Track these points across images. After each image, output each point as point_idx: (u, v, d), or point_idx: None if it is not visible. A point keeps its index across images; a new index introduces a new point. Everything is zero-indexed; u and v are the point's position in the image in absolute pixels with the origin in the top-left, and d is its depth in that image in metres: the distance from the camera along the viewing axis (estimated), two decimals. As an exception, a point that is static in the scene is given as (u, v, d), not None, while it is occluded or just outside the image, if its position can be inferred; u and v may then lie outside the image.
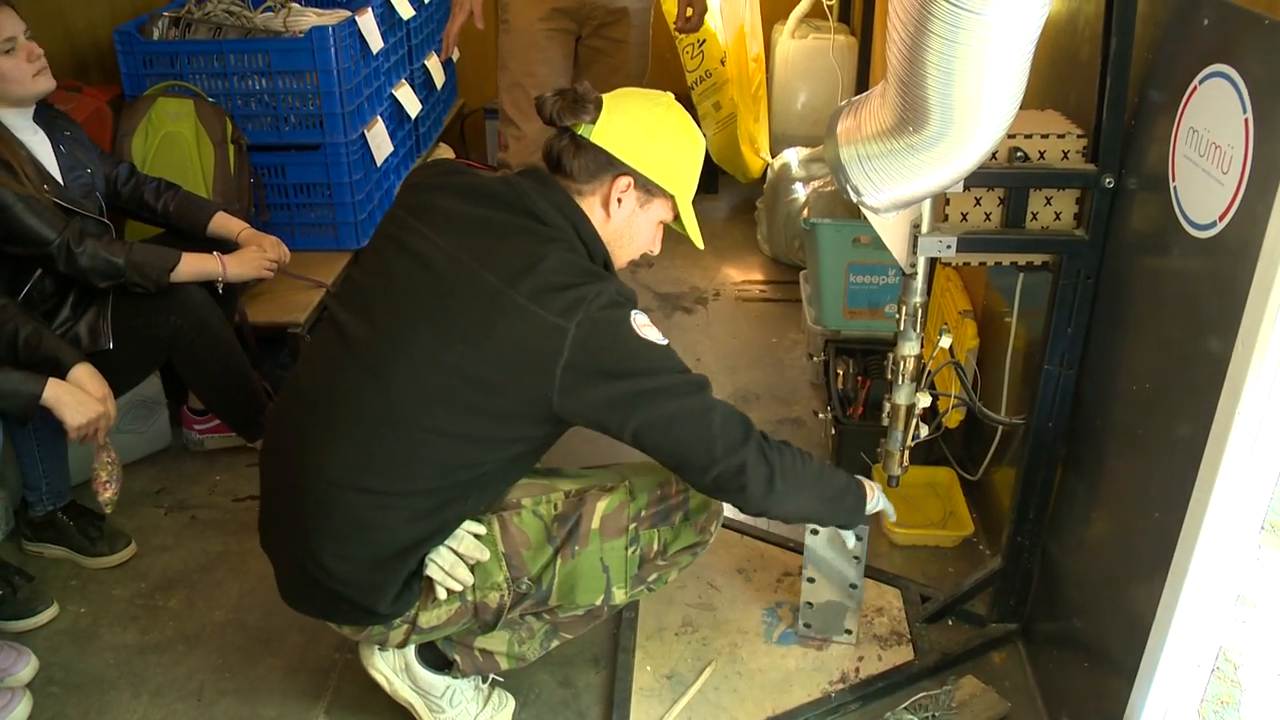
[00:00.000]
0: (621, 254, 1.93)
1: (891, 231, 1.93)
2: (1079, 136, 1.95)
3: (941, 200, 1.94)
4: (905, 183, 1.61)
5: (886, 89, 1.55)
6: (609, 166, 1.84)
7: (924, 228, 1.90)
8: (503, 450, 1.80)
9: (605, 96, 1.87)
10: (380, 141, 3.49)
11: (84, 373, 2.29)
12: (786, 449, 1.83)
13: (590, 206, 1.85)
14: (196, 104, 3.18)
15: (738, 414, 1.77)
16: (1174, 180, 1.68)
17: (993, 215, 1.97)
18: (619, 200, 1.85)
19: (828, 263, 3.09)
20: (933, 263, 1.98)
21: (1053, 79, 2.26)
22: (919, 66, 1.38)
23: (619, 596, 1.96)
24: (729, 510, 2.02)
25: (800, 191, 3.85)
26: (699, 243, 1.97)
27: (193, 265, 2.61)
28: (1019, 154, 1.93)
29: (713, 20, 4.23)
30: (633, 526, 1.92)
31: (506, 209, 1.79)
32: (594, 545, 1.91)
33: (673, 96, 1.96)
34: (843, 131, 1.69)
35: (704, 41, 4.26)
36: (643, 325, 1.72)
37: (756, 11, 4.33)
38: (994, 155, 1.83)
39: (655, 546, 1.95)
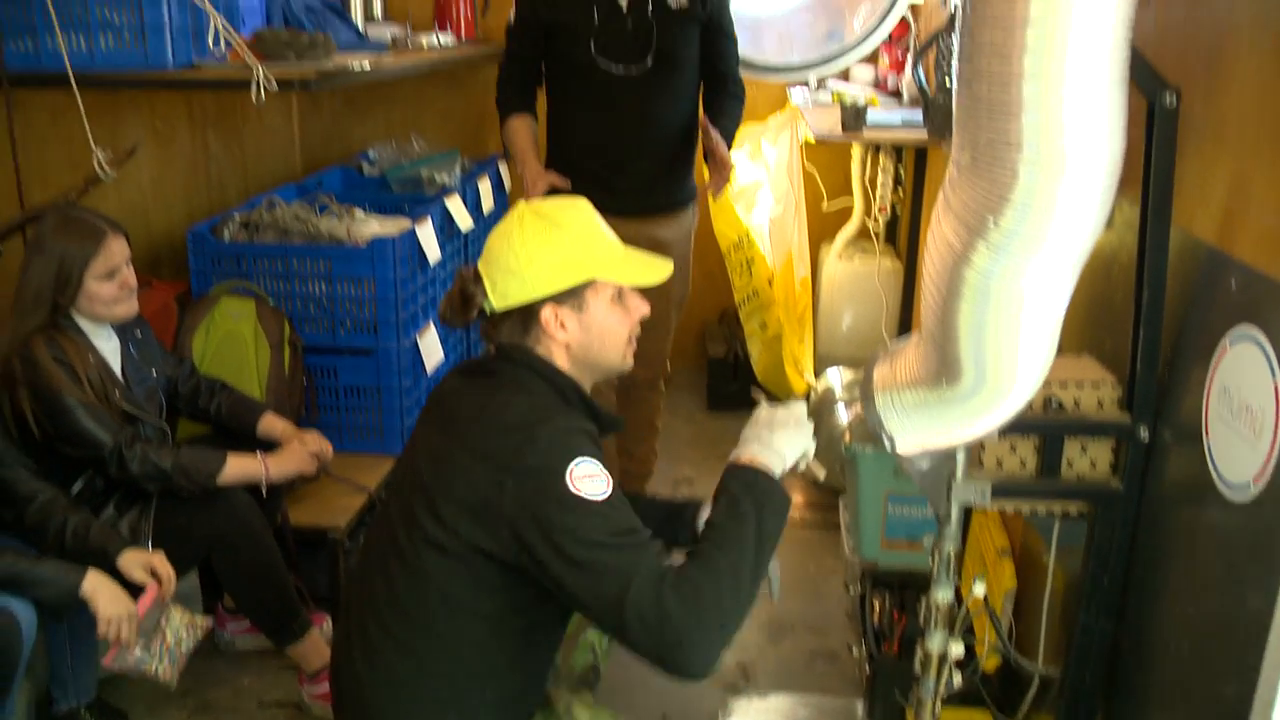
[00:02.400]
0: (608, 356, 1.94)
1: (925, 476, 1.94)
2: (1114, 385, 1.96)
3: (977, 446, 1.95)
4: (939, 433, 1.63)
5: (921, 340, 1.59)
6: (525, 315, 1.85)
7: (959, 475, 1.90)
8: (501, 624, 1.80)
9: (478, 265, 1.89)
10: (432, 348, 3.57)
11: (130, 559, 2.33)
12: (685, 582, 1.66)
13: (547, 350, 1.88)
14: (258, 305, 3.29)
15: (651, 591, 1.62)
16: (1208, 437, 1.68)
17: (1028, 462, 1.97)
18: (561, 326, 1.86)
19: (866, 491, 3.08)
20: (968, 509, 1.98)
21: (1088, 323, 2.29)
22: (950, 326, 1.42)
23: None
24: None
25: (843, 414, 3.87)
26: (657, 277, 1.98)
27: (237, 469, 2.66)
28: (1054, 402, 1.95)
29: (761, 242, 4.35)
30: None
31: (475, 374, 1.91)
32: None
33: (520, 205, 1.94)
34: (879, 378, 1.72)
35: (751, 261, 4.37)
36: (581, 477, 1.69)
37: (804, 234, 4.45)
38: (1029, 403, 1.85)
39: None
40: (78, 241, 2.53)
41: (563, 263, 1.86)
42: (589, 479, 1.69)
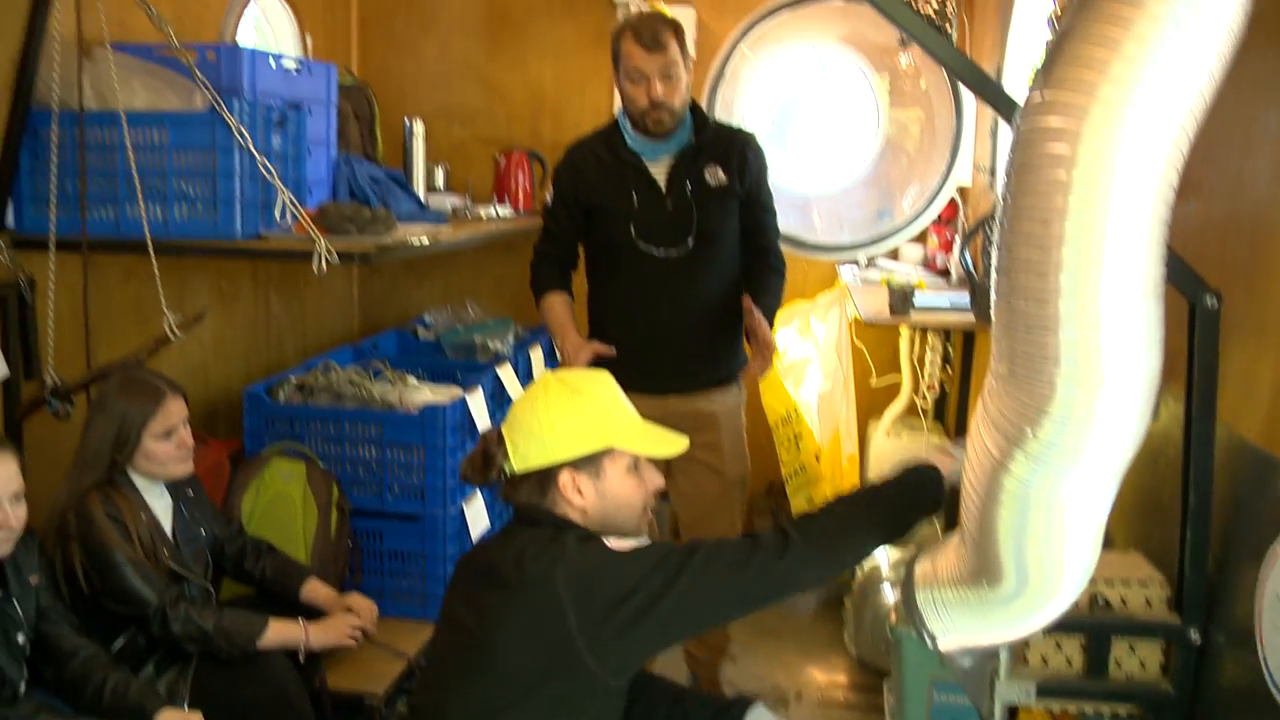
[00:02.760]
0: (623, 524, 1.97)
1: (968, 674, 1.90)
2: (1163, 584, 1.94)
3: (1021, 643, 1.92)
4: (981, 632, 1.61)
5: (963, 539, 1.59)
6: (544, 478, 1.90)
7: (1002, 673, 1.87)
8: None
9: (501, 428, 1.96)
10: (478, 516, 3.59)
11: (167, 719, 2.32)
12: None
13: (564, 513, 1.92)
14: (308, 467, 3.33)
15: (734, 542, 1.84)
16: (1262, 645, 1.65)
17: (1074, 660, 1.94)
18: (578, 491, 1.90)
19: (910, 677, 3.02)
20: (1012, 710, 1.94)
21: (1135, 517, 2.27)
22: (990, 530, 1.42)
23: None
24: None
25: (888, 594, 3.82)
26: (673, 450, 2.02)
27: (278, 634, 2.66)
28: (1101, 600, 1.92)
29: (809, 417, 4.36)
30: None
31: (500, 535, 1.97)
32: None
33: (545, 374, 2.06)
34: (920, 574, 1.71)
35: (799, 436, 4.38)
36: (616, 543, 1.81)
37: (853, 410, 4.46)
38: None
39: None
40: (138, 401, 2.60)
41: (582, 429, 1.92)
42: (622, 541, 1.86)
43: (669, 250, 3.04)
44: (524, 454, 1.92)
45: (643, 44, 2.92)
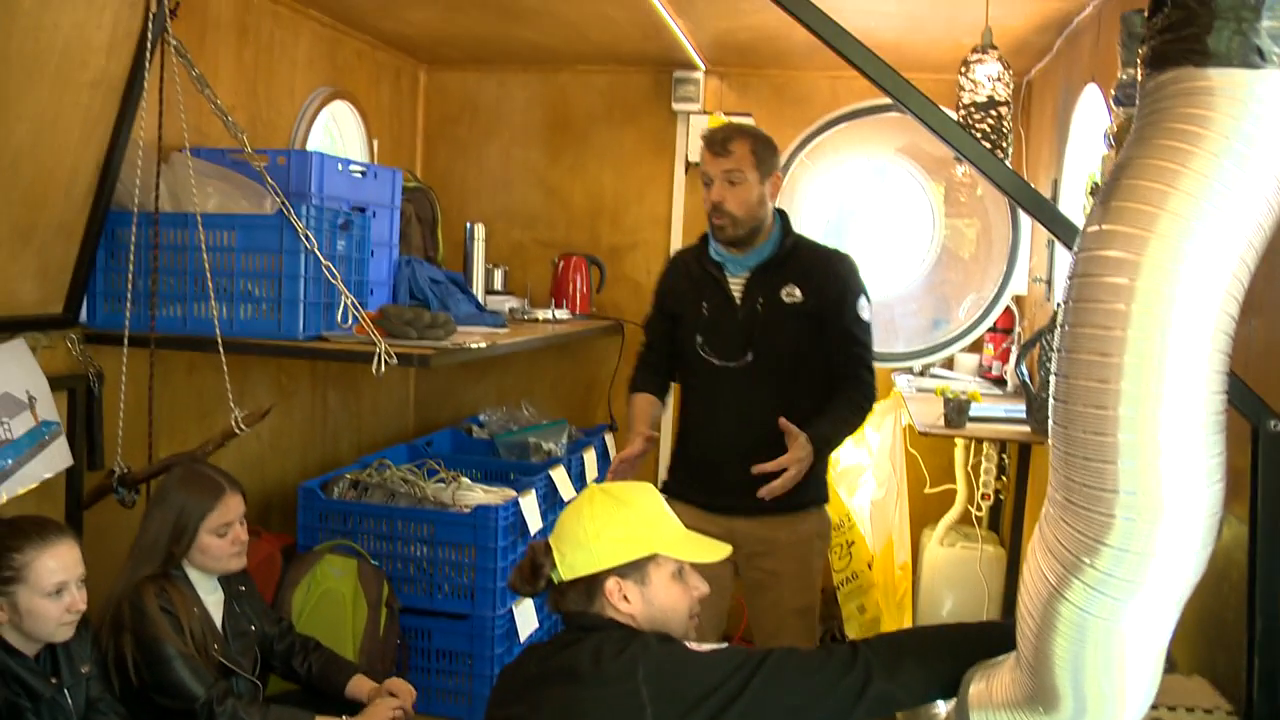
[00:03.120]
0: (674, 627, 1.97)
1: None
2: (1228, 714, 1.89)
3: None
4: (1036, 760, 1.58)
5: (1019, 662, 1.56)
6: (590, 584, 1.92)
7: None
8: None
9: (549, 539, 1.99)
10: (527, 617, 3.58)
11: None
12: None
13: (614, 619, 1.93)
14: (359, 564, 3.35)
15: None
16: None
17: (1135, 791, 1.88)
18: (624, 598, 1.92)
19: (964, 798, 2.95)
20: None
21: (1200, 642, 2.22)
22: (1046, 657, 1.40)
23: None
24: None
25: (941, 709, 3.74)
26: (714, 555, 2.03)
27: None
28: (1162, 728, 1.88)
29: (862, 524, 4.33)
30: None
31: (550, 642, 1.98)
32: None
33: (591, 487, 2.06)
34: (974, 695, 1.68)
35: (852, 544, 4.34)
36: (695, 645, 1.84)
37: (906, 518, 4.42)
38: (1136, 726, 1.78)
39: None
40: (197, 495, 2.65)
41: (627, 537, 1.95)
42: (701, 645, 1.85)
43: (727, 362, 3.01)
44: (571, 563, 1.95)
45: (710, 148, 2.97)
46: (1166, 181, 1.23)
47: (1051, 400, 1.30)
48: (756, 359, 2.98)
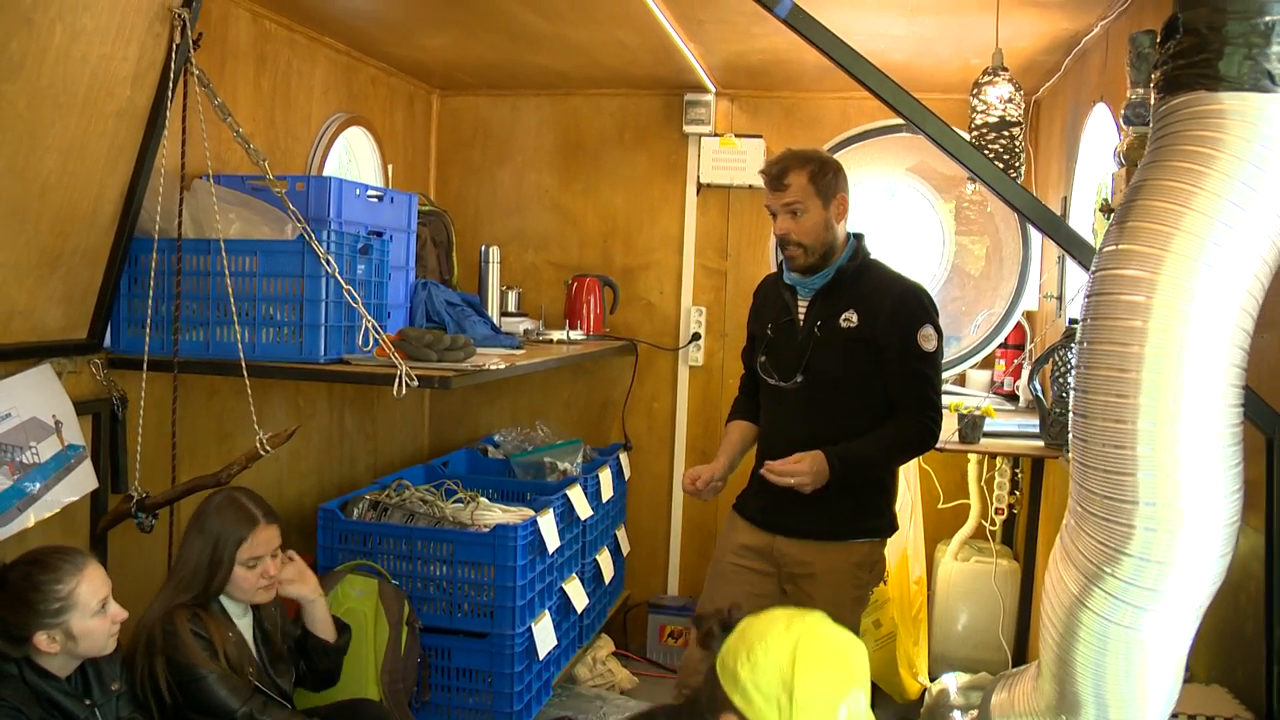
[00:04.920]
0: None
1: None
2: (1246, 723, 1.91)
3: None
4: (1059, 769, 1.61)
5: (1041, 672, 1.59)
6: (720, 705, 1.69)
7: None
8: None
9: (744, 622, 1.76)
10: (545, 635, 3.61)
11: None
12: None
13: None
14: (380, 584, 3.38)
15: None
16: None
17: (1155, 801, 1.91)
18: None
19: (984, 811, 2.97)
20: None
21: (1218, 652, 2.24)
22: (1068, 664, 1.43)
23: None
24: None
25: (958, 717, 3.76)
26: None
27: None
28: (1182, 737, 1.90)
29: (876, 540, 4.34)
30: None
31: None
32: None
33: (816, 619, 1.73)
34: (996, 705, 1.71)
35: (867, 559, 4.36)
36: None
37: (920, 533, 4.44)
38: (1156, 736, 1.81)
39: None
40: (232, 524, 2.68)
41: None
42: None
43: (782, 382, 3.04)
44: (727, 667, 1.73)
45: (768, 182, 2.99)
46: (1181, 202, 1.27)
47: (1071, 415, 1.33)
48: (808, 381, 2.98)
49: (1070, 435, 1.35)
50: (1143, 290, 1.25)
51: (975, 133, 3.47)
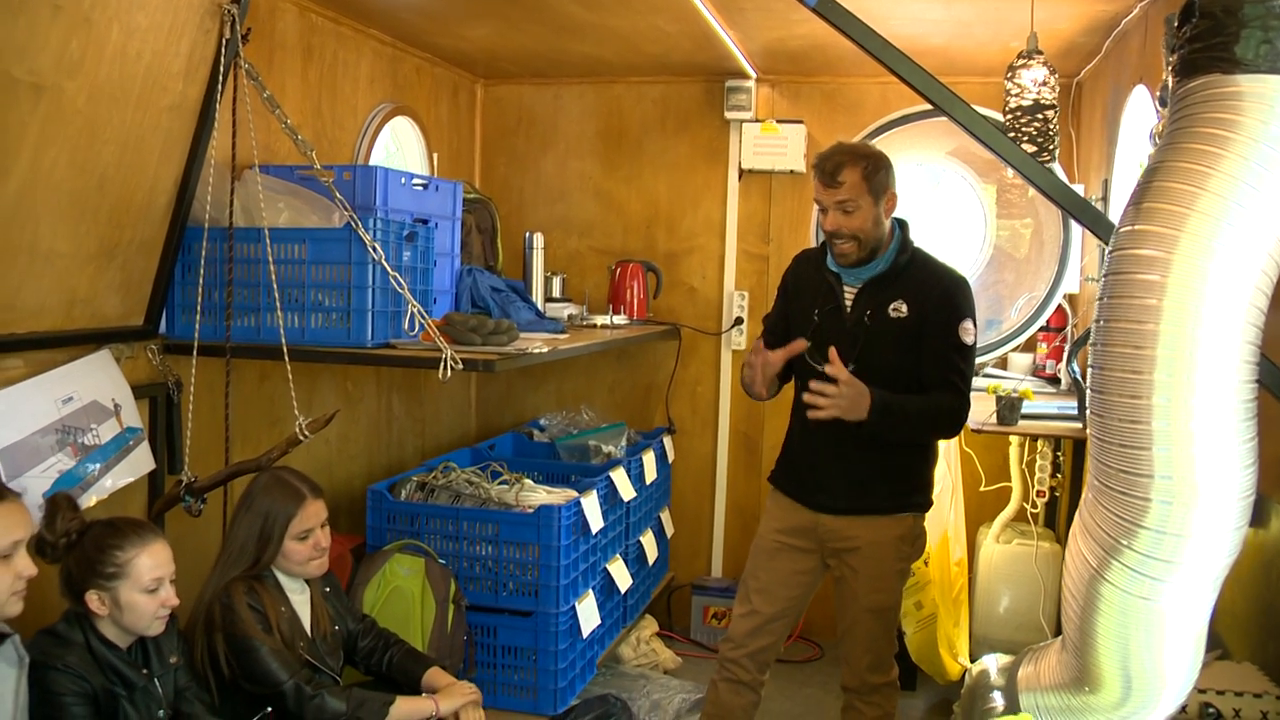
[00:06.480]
0: None
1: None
2: (1279, 698, 1.93)
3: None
4: (1083, 739, 1.64)
5: (1064, 645, 1.63)
6: None
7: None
8: None
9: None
10: (589, 614, 3.68)
11: None
12: None
13: None
14: (427, 563, 3.46)
15: None
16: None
17: (1183, 773, 1.94)
18: None
19: (1021, 787, 3.00)
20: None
21: (1250, 629, 2.26)
22: (1089, 637, 1.47)
23: None
24: None
25: (998, 701, 3.78)
26: None
27: (406, 708, 2.75)
28: (1211, 710, 1.93)
29: (917, 521, 4.37)
30: None
31: None
32: None
33: None
34: (1023, 678, 1.75)
35: (907, 541, 4.39)
36: None
37: (961, 516, 4.46)
38: (1183, 708, 1.84)
39: None
40: (281, 501, 2.77)
41: None
42: None
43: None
44: None
45: (821, 178, 3.00)
46: (1196, 183, 1.30)
47: (1089, 390, 1.37)
48: (858, 371, 2.96)
49: (1088, 411, 1.38)
50: (1158, 270, 1.28)
51: (1009, 116, 3.47)
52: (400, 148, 4.66)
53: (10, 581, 2.10)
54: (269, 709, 2.73)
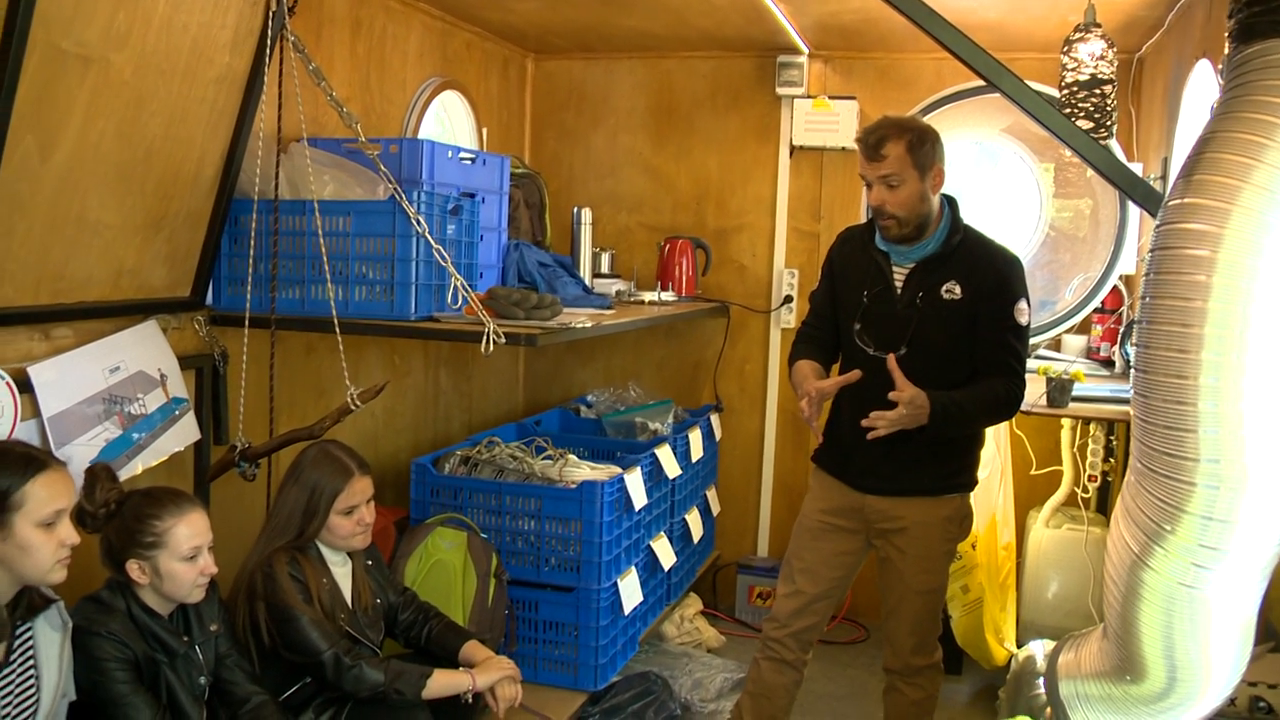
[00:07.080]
0: None
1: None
2: (1329, 692, 1.88)
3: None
4: (1125, 729, 1.60)
5: (1106, 632, 1.59)
6: None
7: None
8: None
9: None
10: (631, 591, 3.67)
11: None
12: None
13: None
14: (469, 537, 3.46)
15: None
16: None
17: (1230, 765, 1.89)
18: None
19: (1065, 774, 2.95)
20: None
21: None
22: (1131, 624, 1.43)
23: None
24: None
25: (1042, 686, 3.73)
26: None
27: (443, 680, 2.76)
28: (1262, 704, 1.88)
29: (965, 504, 4.32)
30: None
31: None
32: None
33: None
34: (1063, 665, 1.71)
35: (955, 524, 4.34)
36: None
37: (1010, 499, 4.40)
38: (1233, 700, 1.79)
39: None
40: (329, 475, 2.79)
41: None
42: None
43: (881, 352, 2.97)
44: None
45: (864, 152, 2.91)
46: (1251, 155, 1.25)
47: (1133, 370, 1.33)
48: (911, 353, 2.93)
49: (1132, 392, 1.34)
50: (1208, 245, 1.23)
51: (1065, 91, 3.39)
52: (450, 122, 4.66)
53: (54, 549, 2.12)
54: (308, 679, 2.76)
